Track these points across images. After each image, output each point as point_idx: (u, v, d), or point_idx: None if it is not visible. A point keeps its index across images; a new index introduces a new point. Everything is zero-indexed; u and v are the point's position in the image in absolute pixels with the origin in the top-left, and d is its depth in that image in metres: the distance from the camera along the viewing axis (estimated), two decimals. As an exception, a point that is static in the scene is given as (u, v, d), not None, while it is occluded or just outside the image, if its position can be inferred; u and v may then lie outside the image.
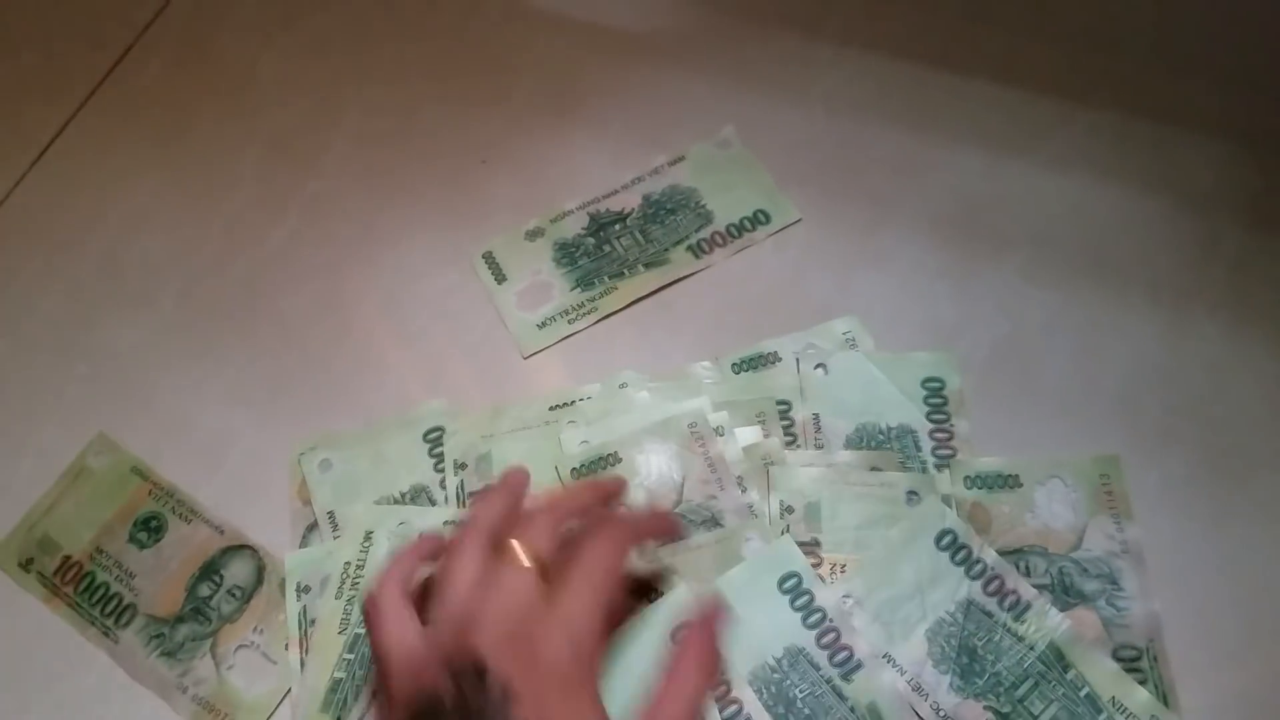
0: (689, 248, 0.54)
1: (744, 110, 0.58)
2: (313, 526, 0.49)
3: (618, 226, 0.55)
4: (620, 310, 0.53)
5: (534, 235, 0.56)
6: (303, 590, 0.47)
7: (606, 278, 0.54)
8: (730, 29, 0.61)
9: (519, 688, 0.31)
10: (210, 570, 0.49)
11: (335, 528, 0.49)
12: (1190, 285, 0.50)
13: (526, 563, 0.35)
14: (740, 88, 0.59)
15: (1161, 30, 0.57)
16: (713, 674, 0.36)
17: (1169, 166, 0.53)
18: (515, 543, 0.36)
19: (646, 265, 0.54)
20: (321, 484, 0.50)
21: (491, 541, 0.36)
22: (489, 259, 0.56)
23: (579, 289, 0.54)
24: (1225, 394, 0.48)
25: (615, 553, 0.37)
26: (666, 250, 0.54)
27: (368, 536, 0.48)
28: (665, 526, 0.44)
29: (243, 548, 0.49)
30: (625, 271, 0.54)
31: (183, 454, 0.52)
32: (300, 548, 0.49)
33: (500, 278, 0.55)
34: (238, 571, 0.49)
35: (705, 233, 0.55)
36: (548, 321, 0.53)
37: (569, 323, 0.53)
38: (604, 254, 0.55)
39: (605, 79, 0.60)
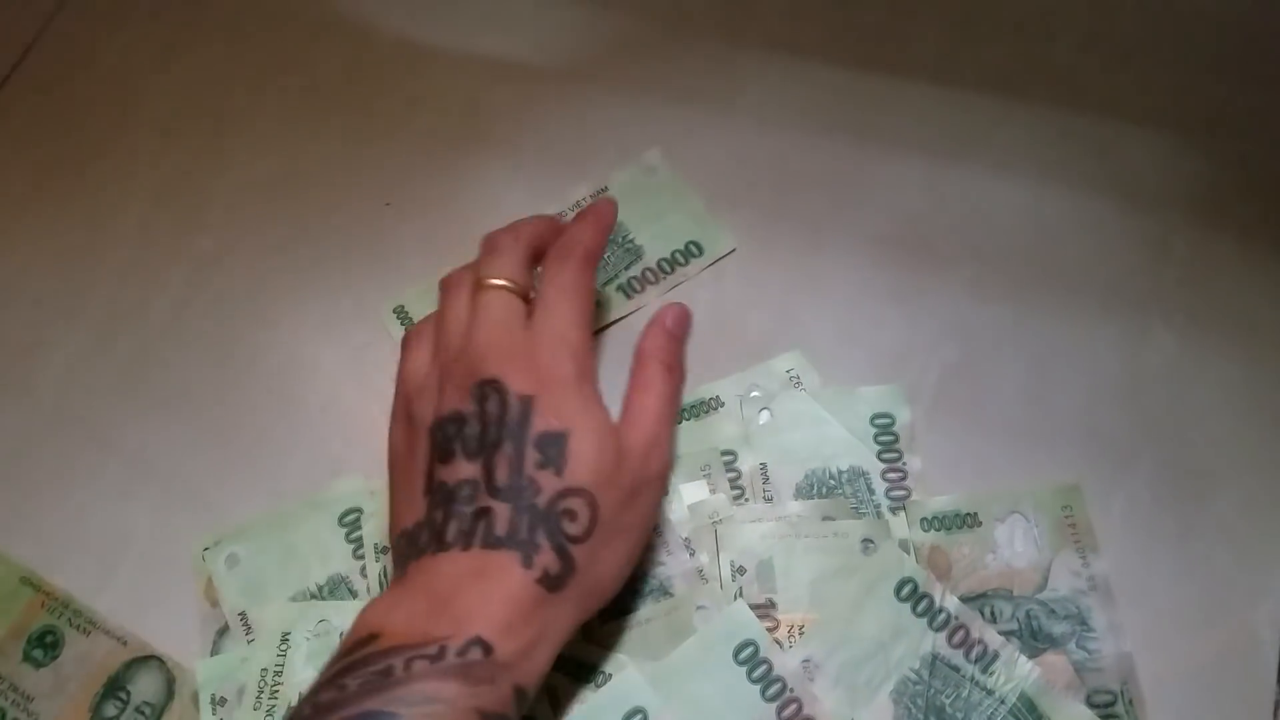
0: (619, 288, 0.50)
1: (667, 130, 0.54)
2: (224, 630, 0.45)
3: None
4: None
5: None
6: (218, 703, 0.43)
7: None
8: (645, 45, 0.56)
9: (536, 396, 0.35)
10: (115, 687, 0.45)
11: (248, 630, 0.45)
12: (1144, 291, 0.47)
13: (498, 281, 0.38)
14: (662, 106, 0.55)
15: (1095, 17, 0.54)
16: (679, 372, 0.42)
17: (1114, 163, 0.50)
18: (492, 278, 0.38)
19: None
20: (229, 582, 0.45)
21: (473, 278, 0.39)
22: (400, 313, 0.51)
23: None
24: (1185, 406, 0.45)
25: (581, 267, 0.39)
26: (596, 294, 0.50)
27: (284, 639, 0.43)
28: (602, 220, 0.43)
29: (149, 659, 0.45)
30: None
31: (76, 558, 0.47)
32: (212, 655, 0.45)
33: None
34: (145, 686, 0.45)
35: (635, 270, 0.51)
36: None
37: None
38: None
39: (513, 107, 0.56)
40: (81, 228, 0.55)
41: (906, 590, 0.42)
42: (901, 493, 0.44)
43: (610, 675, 0.41)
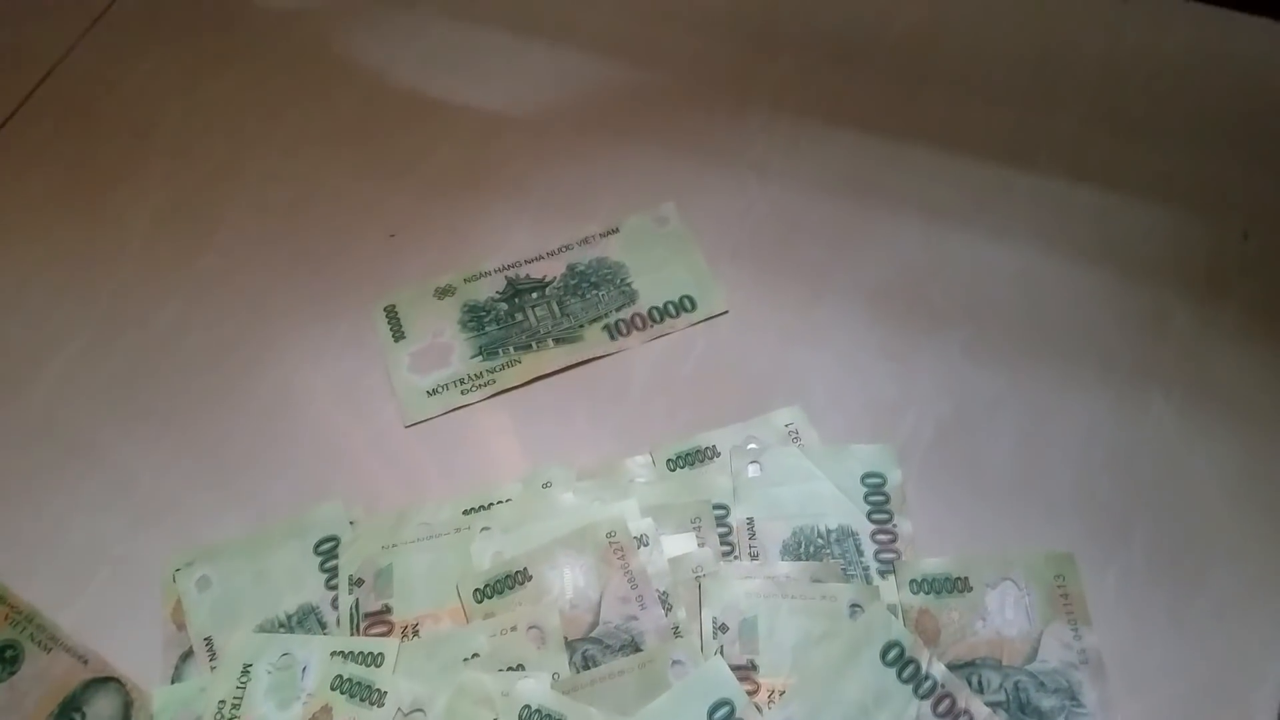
0: (605, 327, 0.50)
1: (674, 180, 0.54)
2: (188, 655, 0.44)
3: (535, 294, 0.51)
4: (520, 386, 0.49)
5: (444, 293, 0.52)
6: (173, 732, 0.42)
7: (512, 349, 0.50)
8: (654, 97, 0.57)
9: None
10: (70, 707, 0.43)
11: (213, 657, 0.43)
12: (1142, 363, 0.47)
13: None
14: (668, 156, 0.55)
15: (1102, 91, 0.54)
16: None
17: (1115, 234, 0.50)
18: None
19: (557, 340, 0.50)
20: (199, 605, 0.44)
21: None
22: (390, 313, 0.51)
23: (480, 357, 0.50)
24: (1182, 481, 0.44)
25: None
26: (581, 327, 0.50)
27: (245, 670, 0.42)
28: None
29: (108, 680, 0.43)
30: (533, 344, 0.50)
31: (46, 569, 0.46)
32: (174, 680, 0.43)
33: (398, 334, 0.51)
34: (101, 709, 0.43)
35: (625, 313, 0.51)
36: (439, 389, 0.49)
37: (461, 393, 0.49)
38: (514, 322, 0.51)
39: (521, 151, 0.56)
40: (89, 240, 0.55)
41: (893, 654, 0.41)
42: (891, 555, 0.43)
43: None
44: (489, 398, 0.49)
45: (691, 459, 0.46)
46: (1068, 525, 0.44)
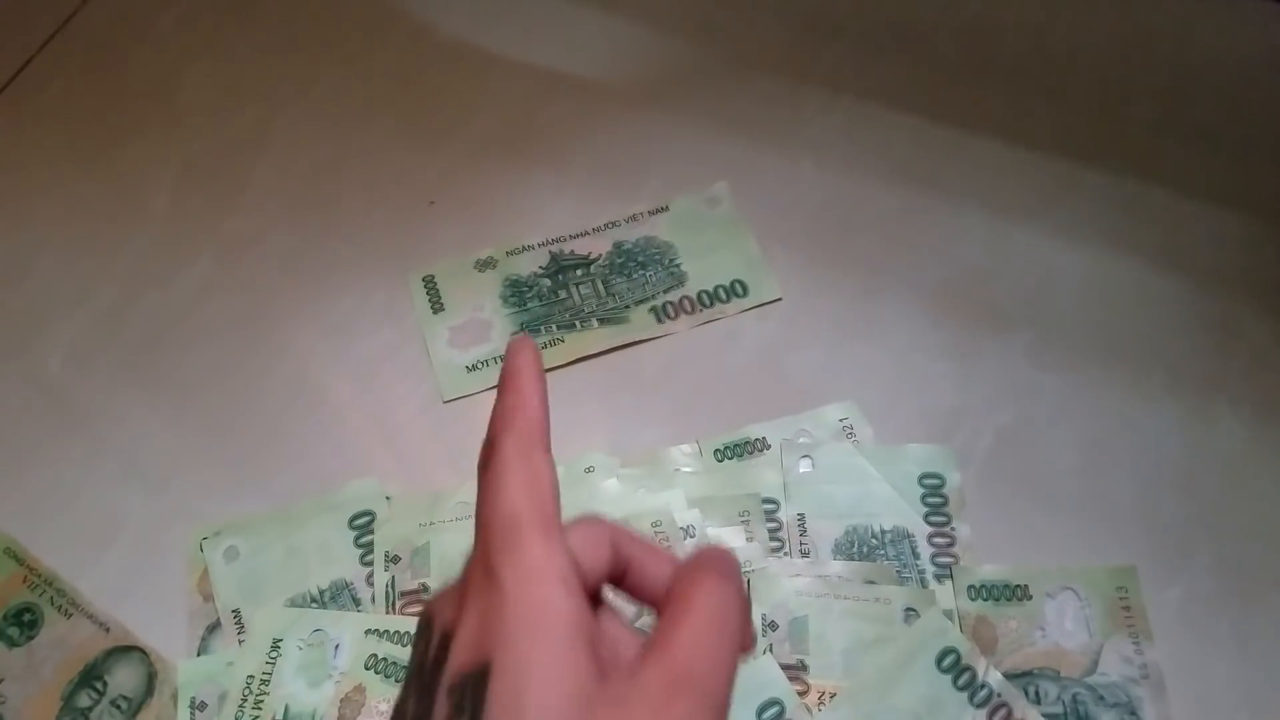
0: (652, 309, 0.49)
1: (725, 161, 0.52)
2: (214, 627, 0.42)
3: (579, 272, 0.50)
4: (562, 367, 0.47)
5: (485, 266, 0.50)
6: (198, 707, 0.40)
7: (555, 327, 0.48)
8: (708, 74, 0.55)
9: (459, 623, 0.21)
10: (91, 676, 0.41)
11: (240, 630, 0.42)
12: (1211, 375, 0.46)
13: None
14: (721, 136, 0.53)
15: (1175, 95, 0.53)
16: (740, 591, 0.23)
17: (1186, 241, 0.49)
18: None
19: (601, 321, 0.48)
20: (226, 577, 0.43)
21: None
22: (429, 284, 0.50)
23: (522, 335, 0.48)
24: (1249, 499, 0.43)
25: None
26: (627, 308, 0.49)
27: (275, 645, 0.41)
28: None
29: (131, 650, 0.42)
30: (577, 324, 0.48)
31: (65, 535, 0.44)
32: (198, 653, 0.42)
33: (437, 307, 0.49)
34: (124, 679, 0.41)
35: (674, 295, 0.49)
36: (478, 365, 0.47)
37: None
38: (558, 300, 0.49)
39: (568, 120, 0.54)
40: (110, 198, 0.53)
41: (949, 661, 0.39)
42: (948, 559, 0.42)
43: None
44: None
45: (740, 450, 0.45)
46: (1130, 539, 0.42)
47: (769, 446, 0.45)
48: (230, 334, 0.49)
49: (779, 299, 0.49)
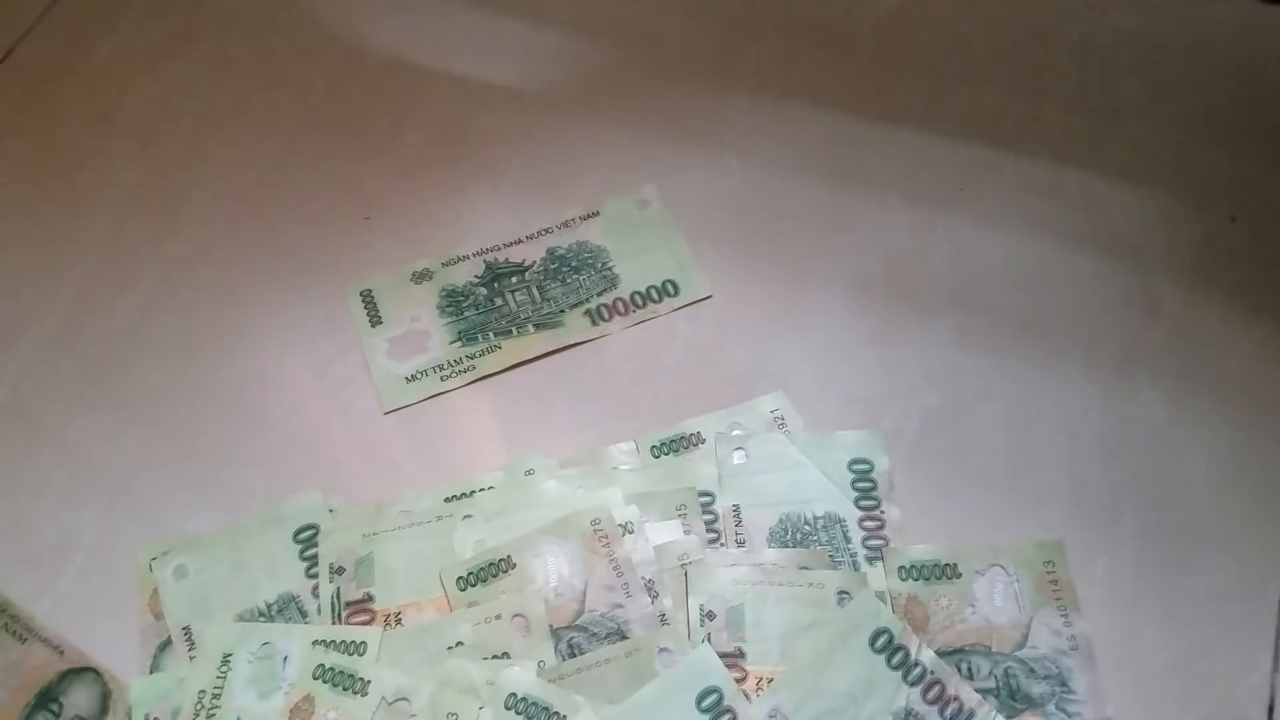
0: (586, 312, 0.50)
1: (654, 163, 0.53)
2: (166, 644, 0.43)
3: (515, 279, 0.51)
4: (501, 373, 0.48)
5: (421, 277, 0.51)
6: (150, 725, 0.41)
7: (492, 334, 0.49)
8: (634, 79, 0.56)
9: None
10: (47, 698, 0.42)
11: (191, 646, 0.42)
12: (1131, 349, 0.47)
13: None
14: (649, 139, 0.54)
15: (1086, 75, 0.54)
16: None
17: (1104, 220, 0.50)
18: None
19: (537, 326, 0.49)
20: (176, 595, 0.43)
21: None
22: (366, 298, 0.50)
23: (460, 343, 0.49)
24: (1171, 469, 0.44)
25: None
26: (562, 312, 0.50)
27: (225, 660, 0.41)
28: None
29: (85, 671, 0.42)
30: (514, 330, 0.49)
31: (17, 560, 0.45)
32: (151, 670, 0.42)
33: (375, 320, 0.50)
34: (79, 699, 0.42)
35: (607, 298, 0.50)
36: (417, 375, 0.48)
37: (441, 379, 0.48)
38: (494, 307, 0.50)
39: (500, 130, 0.55)
40: (53, 225, 0.54)
41: (882, 641, 0.40)
42: (879, 541, 0.43)
43: (564, 717, 0.39)
44: (469, 384, 0.48)
45: (676, 446, 0.46)
46: (1057, 513, 0.43)
47: (704, 441, 0.45)
48: (173, 355, 0.50)
49: (709, 296, 0.50)
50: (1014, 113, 0.53)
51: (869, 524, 0.43)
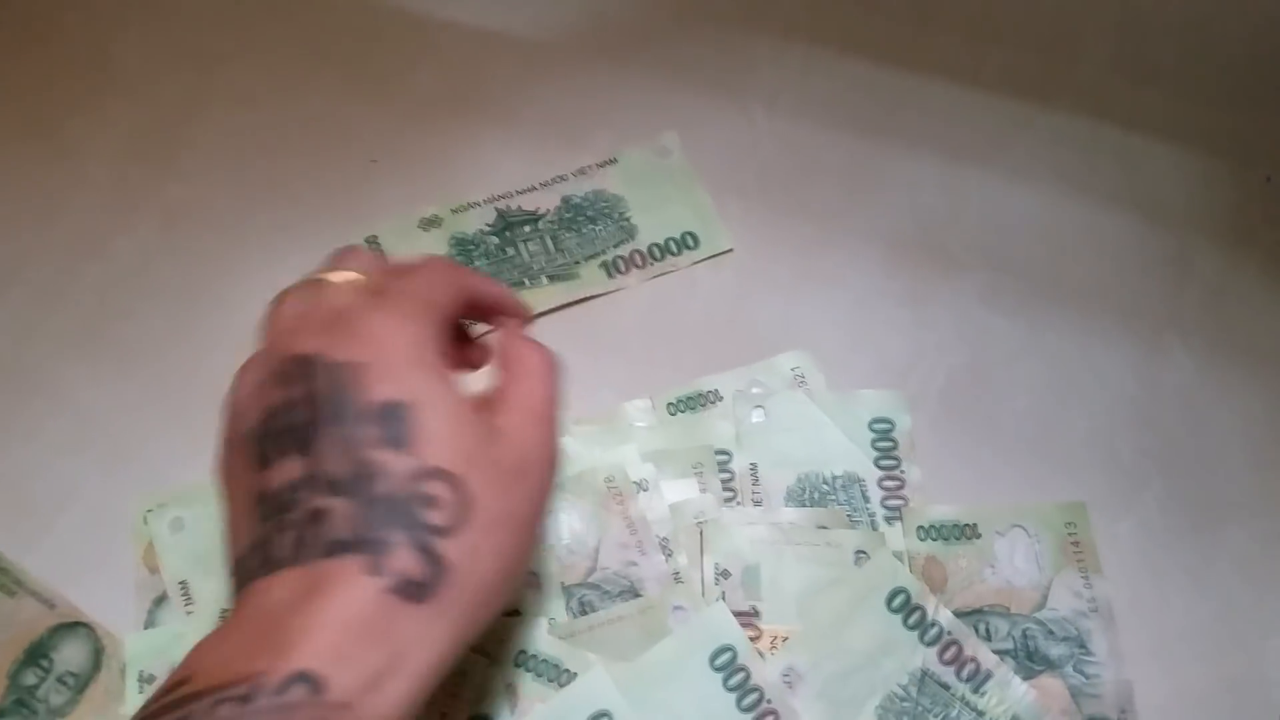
0: (603, 264, 0.48)
1: (676, 112, 0.51)
2: (162, 599, 0.41)
3: (528, 228, 0.49)
4: None
5: (429, 224, 0.49)
6: (146, 681, 0.40)
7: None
8: (656, 25, 0.54)
9: (364, 363, 0.27)
10: (37, 654, 0.41)
11: (189, 602, 0.41)
12: (1163, 311, 0.45)
13: (352, 276, 0.31)
14: (670, 88, 0.52)
15: (1125, 34, 0.52)
16: (554, 359, 0.32)
17: (1138, 179, 0.48)
18: (336, 270, 0.31)
19: (551, 278, 0.48)
20: (172, 548, 0.42)
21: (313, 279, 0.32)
22: (373, 244, 0.49)
23: None
24: (1200, 432, 0.43)
25: (447, 279, 0.32)
26: (577, 264, 0.48)
27: (223, 615, 0.40)
28: (505, 300, 0.36)
29: (77, 626, 0.41)
30: (526, 281, 0.47)
31: (8, 512, 0.43)
32: (146, 626, 0.41)
33: None
34: (70, 655, 0.41)
35: (624, 250, 0.48)
36: None
37: None
38: (506, 258, 0.48)
39: (514, 76, 0.53)
40: (49, 165, 0.52)
41: (899, 601, 0.39)
42: (898, 501, 0.42)
43: (575, 674, 0.38)
44: (479, 337, 0.46)
45: (693, 404, 0.44)
46: (1083, 477, 0.42)
47: (722, 399, 0.44)
48: (174, 302, 0.48)
49: (730, 250, 0.48)
50: (1049, 68, 0.51)
51: (889, 484, 0.42)
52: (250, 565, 0.27)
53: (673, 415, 0.44)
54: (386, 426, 0.26)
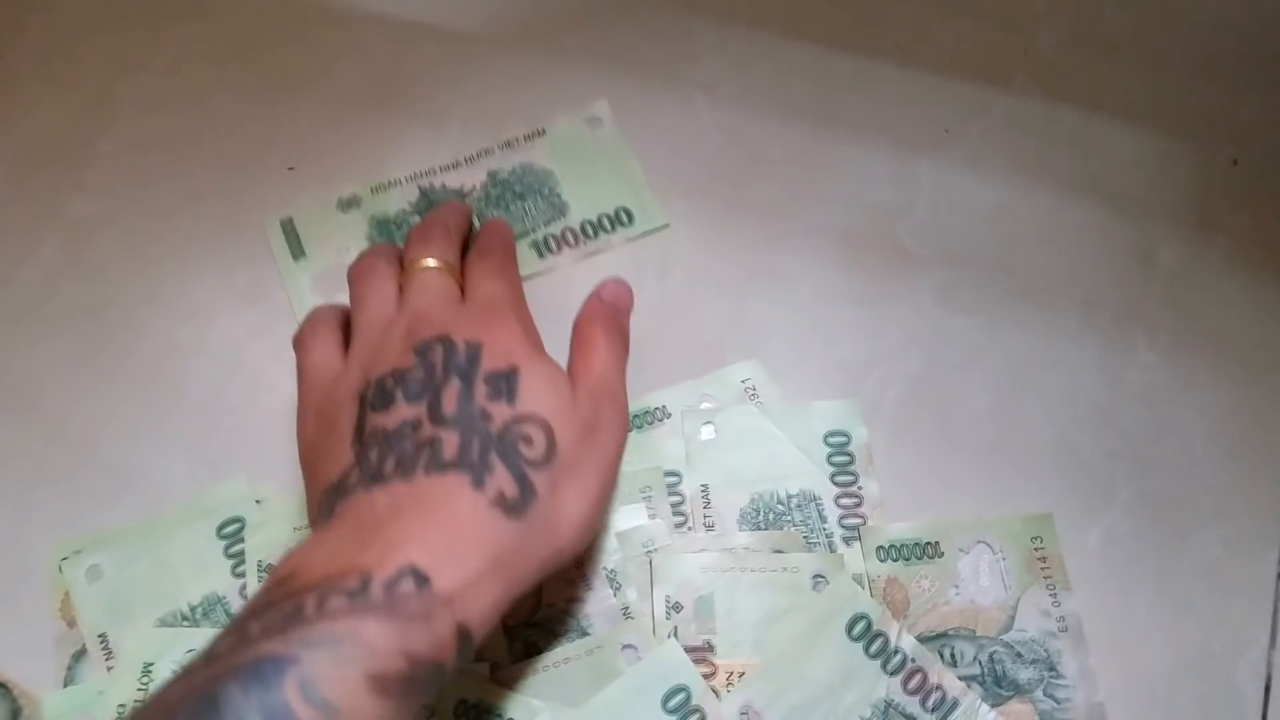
0: (533, 243, 0.45)
1: (615, 103, 0.48)
2: (81, 654, 0.39)
3: None
4: None
5: (348, 205, 0.46)
6: (67, 742, 0.37)
7: None
8: (589, 10, 0.51)
9: (483, 343, 0.32)
10: (-49, 716, 0.38)
11: (109, 656, 0.39)
12: (1126, 305, 0.43)
13: (435, 264, 0.36)
14: (606, 77, 0.49)
15: (1081, 8, 0.49)
16: (623, 336, 0.37)
17: (1099, 165, 0.46)
18: (426, 259, 0.36)
19: None
20: (90, 598, 0.39)
21: (396, 266, 0.37)
22: (287, 227, 0.46)
23: None
24: (1168, 433, 0.41)
25: (508, 256, 0.38)
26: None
27: (146, 670, 0.38)
28: (508, 235, 0.41)
29: (-8, 685, 0.39)
30: None
31: (-91, 565, 0.40)
32: (66, 683, 0.39)
33: (298, 252, 0.45)
34: (-14, 716, 0.38)
35: (555, 228, 0.46)
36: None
37: None
38: None
39: (439, 68, 0.49)
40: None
41: (859, 628, 0.38)
42: (856, 520, 0.40)
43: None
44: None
45: (639, 421, 0.42)
46: (1047, 483, 0.41)
47: (670, 415, 0.42)
48: (81, 327, 0.45)
49: (666, 225, 0.45)
50: (1003, 47, 0.49)
51: (846, 501, 0.40)
52: (349, 483, 0.30)
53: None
54: (497, 385, 0.31)
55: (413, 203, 0.46)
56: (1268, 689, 0.38)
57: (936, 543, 0.40)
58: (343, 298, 0.39)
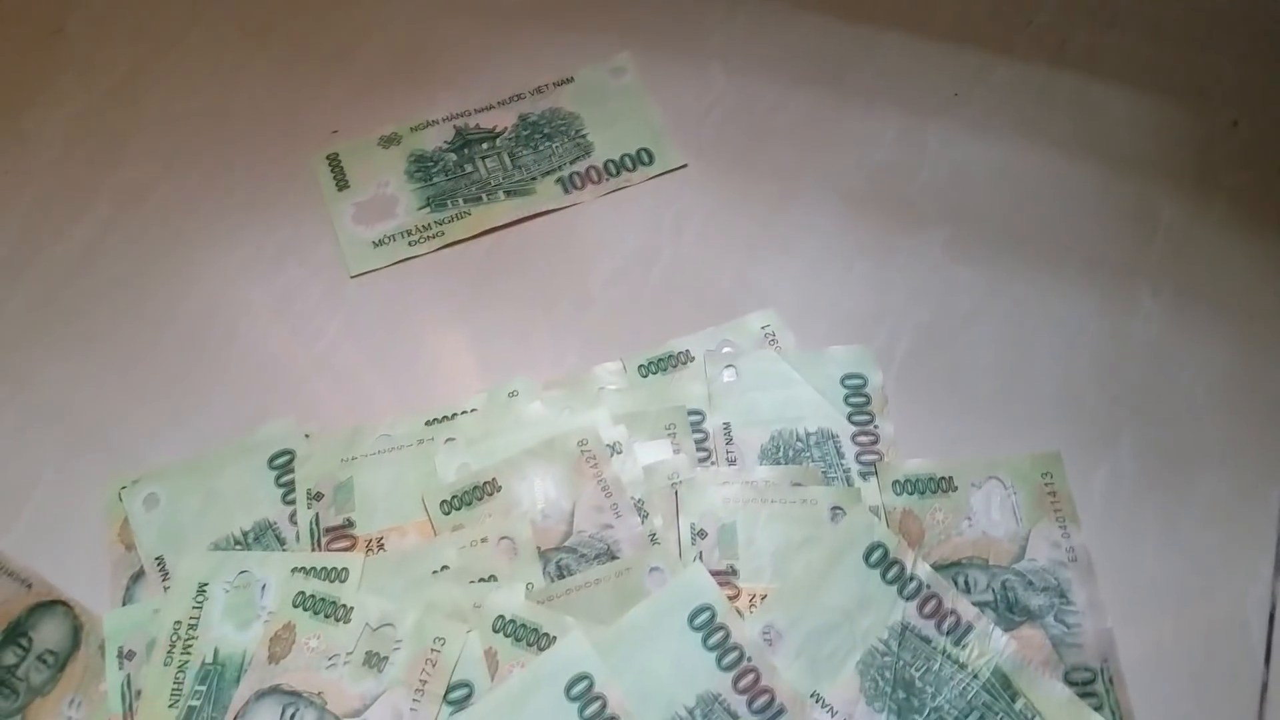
0: (559, 180, 0.49)
1: (637, 63, 0.51)
2: (138, 576, 0.41)
3: (485, 145, 0.50)
4: (468, 239, 0.47)
5: (389, 142, 0.50)
6: (125, 656, 0.39)
7: (461, 200, 0.48)
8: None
9: None
10: (16, 633, 0.41)
11: (165, 577, 0.41)
12: (1129, 261, 0.45)
13: None
14: (629, 49, 0.52)
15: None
16: None
17: (1099, 127, 0.48)
18: None
19: (508, 193, 0.48)
20: (147, 525, 0.42)
21: None
22: (333, 162, 0.49)
23: (428, 209, 0.48)
24: (1169, 380, 0.43)
25: None
26: (534, 179, 0.49)
27: (201, 590, 0.40)
28: None
29: (54, 604, 0.41)
30: (484, 196, 0.48)
31: (-23, 496, 0.43)
32: (123, 603, 0.41)
33: (341, 184, 0.49)
34: (49, 633, 0.41)
35: (580, 166, 0.49)
36: (384, 240, 0.47)
37: (409, 244, 0.47)
38: (464, 174, 0.49)
39: (471, 38, 0.53)
40: (4, 149, 0.51)
41: (876, 556, 0.39)
42: (872, 456, 0.42)
43: (554, 638, 0.38)
44: (438, 249, 0.47)
45: (664, 365, 0.44)
46: (1054, 428, 0.42)
47: (693, 359, 0.44)
48: (134, 280, 0.48)
49: (685, 165, 0.48)
50: (1007, 14, 0.51)
51: (862, 439, 0.42)
52: None
53: (644, 377, 0.44)
54: None
55: (449, 141, 0.50)
56: (1272, 617, 0.39)
57: (950, 478, 0.41)
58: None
